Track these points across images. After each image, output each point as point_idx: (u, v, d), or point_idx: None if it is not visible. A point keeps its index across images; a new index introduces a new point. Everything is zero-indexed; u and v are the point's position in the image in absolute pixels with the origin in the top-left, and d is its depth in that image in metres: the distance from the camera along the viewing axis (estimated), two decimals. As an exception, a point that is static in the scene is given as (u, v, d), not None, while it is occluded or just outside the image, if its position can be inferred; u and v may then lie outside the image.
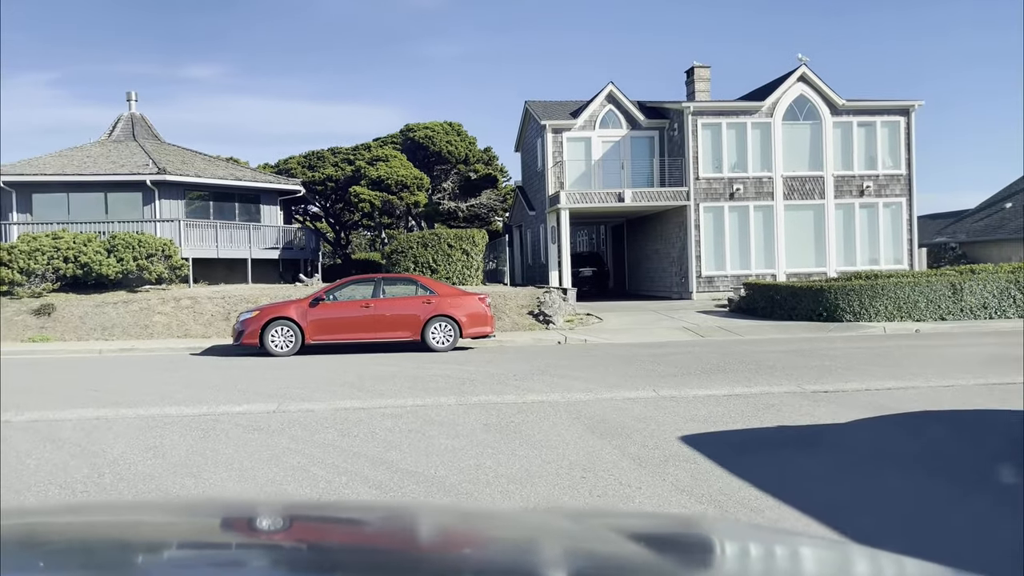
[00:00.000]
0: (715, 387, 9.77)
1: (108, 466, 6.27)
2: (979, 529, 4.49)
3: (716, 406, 8.41)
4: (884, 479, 5.49)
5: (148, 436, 7.38)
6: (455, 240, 24.58)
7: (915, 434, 7.09)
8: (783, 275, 25.58)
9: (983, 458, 6.16)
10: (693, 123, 25.57)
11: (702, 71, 29.58)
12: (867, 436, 6.92)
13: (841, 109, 26.06)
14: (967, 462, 6.01)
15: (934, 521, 4.63)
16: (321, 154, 35.99)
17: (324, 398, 9.52)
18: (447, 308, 15.20)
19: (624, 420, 7.72)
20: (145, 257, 20.40)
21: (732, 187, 25.70)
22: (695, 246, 25.54)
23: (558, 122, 27.17)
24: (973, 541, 4.30)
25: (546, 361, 13.00)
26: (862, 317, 18.61)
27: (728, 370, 11.33)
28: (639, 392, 9.48)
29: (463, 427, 7.57)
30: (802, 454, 6.38)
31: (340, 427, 7.66)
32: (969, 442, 6.88)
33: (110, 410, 8.84)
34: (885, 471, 5.71)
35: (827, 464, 6.06)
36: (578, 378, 10.82)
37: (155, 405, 9.14)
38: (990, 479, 5.51)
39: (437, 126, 34.18)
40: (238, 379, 11.39)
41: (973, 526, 4.54)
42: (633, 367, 11.89)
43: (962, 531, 4.45)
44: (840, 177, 26.10)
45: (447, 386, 10.36)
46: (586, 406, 8.60)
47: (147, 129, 31.62)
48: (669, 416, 7.89)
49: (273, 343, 14.63)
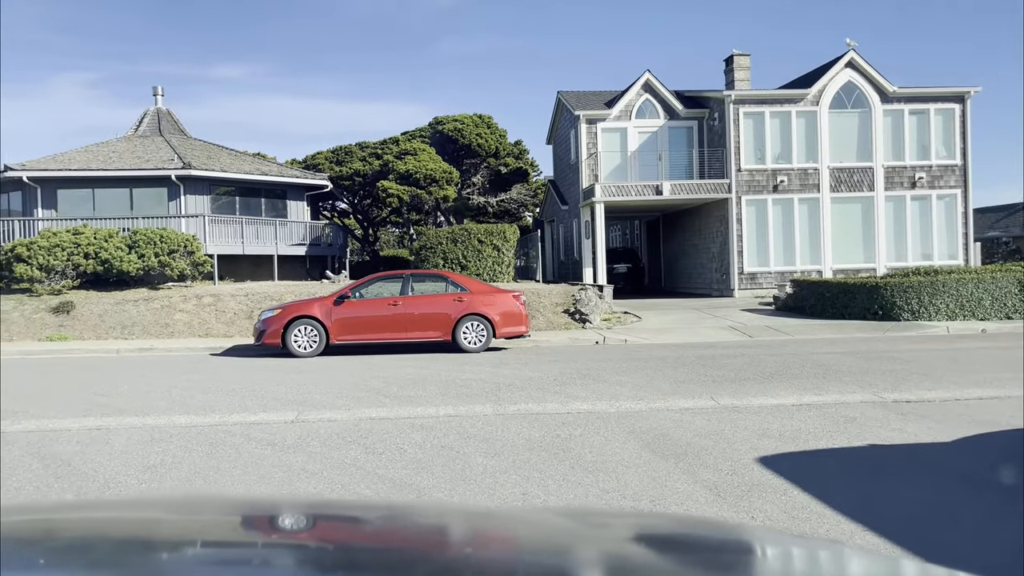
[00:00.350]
0: (780, 395, 8.75)
1: (96, 490, 5.45)
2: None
3: (788, 419, 7.41)
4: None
5: (149, 452, 6.56)
6: (486, 235, 23.70)
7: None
8: (829, 271, 24.34)
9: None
10: (735, 112, 24.40)
11: (742, 59, 28.31)
12: (981, 461, 5.88)
13: (892, 96, 24.73)
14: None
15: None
16: (348, 149, 35.25)
17: (347, 405, 8.67)
18: (479, 306, 14.30)
19: (686, 436, 6.75)
20: (167, 253, 19.75)
21: (776, 179, 24.50)
22: (737, 241, 24.39)
23: (592, 112, 26.14)
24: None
25: (586, 363, 12.04)
26: (921, 316, 17.40)
27: (789, 375, 10.29)
28: (696, 401, 8.50)
29: (503, 443, 6.65)
30: (912, 484, 5.33)
31: (364, 442, 6.78)
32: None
33: (114, 419, 8.05)
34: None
35: (951, 499, 5.03)
36: (624, 383, 9.86)
37: (163, 413, 8.34)
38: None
39: (467, 118, 33.26)
40: (256, 383, 10.58)
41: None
42: (683, 371, 10.90)
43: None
44: (890, 168, 24.78)
45: (482, 392, 9.46)
46: (639, 418, 7.64)
47: (173, 124, 31.11)
48: (737, 431, 6.90)
49: (296, 343, 13.83)
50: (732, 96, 24.41)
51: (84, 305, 18.16)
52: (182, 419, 7.99)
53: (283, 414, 8.18)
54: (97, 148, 27.89)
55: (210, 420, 7.91)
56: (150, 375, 11.70)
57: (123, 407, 8.75)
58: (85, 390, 10.13)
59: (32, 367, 13.15)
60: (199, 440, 6.97)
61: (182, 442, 6.90)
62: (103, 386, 10.50)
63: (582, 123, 26.14)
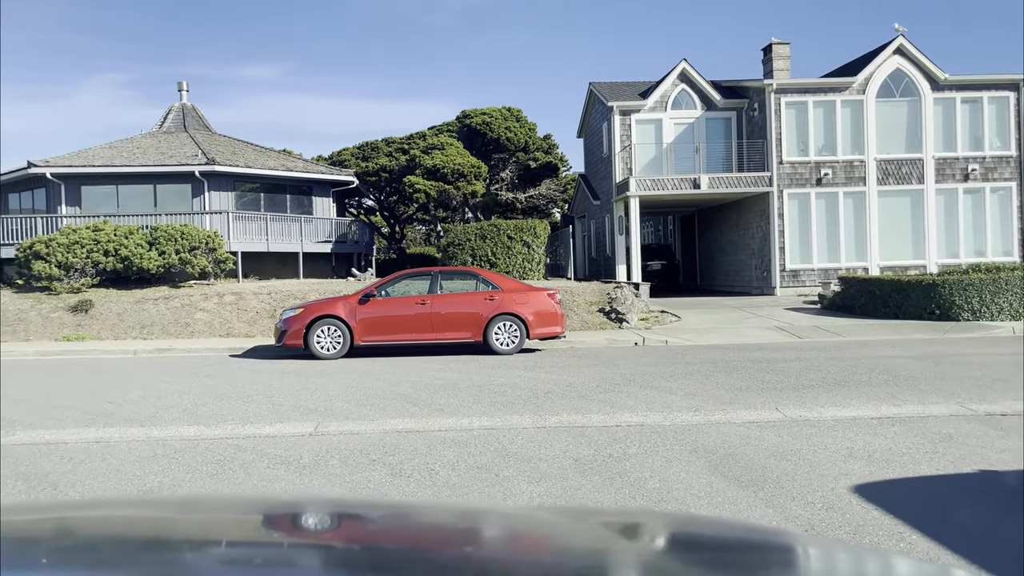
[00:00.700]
0: (852, 405, 7.81)
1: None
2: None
3: (872, 436, 6.48)
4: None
5: (148, 471, 5.80)
6: (516, 232, 22.88)
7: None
8: (876, 268, 23.16)
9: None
10: (776, 102, 23.30)
11: (781, 48, 27.06)
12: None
13: (943, 84, 23.46)
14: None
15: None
16: (375, 144, 34.60)
17: (372, 415, 7.88)
18: (512, 305, 13.45)
19: (759, 457, 5.86)
20: (188, 250, 19.14)
21: (819, 172, 23.37)
22: (778, 237, 23.29)
23: (626, 103, 25.14)
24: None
25: (629, 368, 11.15)
26: (982, 316, 16.27)
27: (856, 382, 9.33)
28: (759, 412, 7.58)
29: (548, 464, 5.81)
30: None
31: (390, 461, 5.98)
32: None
33: (116, 430, 7.33)
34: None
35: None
36: (675, 391, 8.96)
37: (171, 423, 7.61)
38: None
39: (495, 111, 32.39)
40: (274, 388, 9.84)
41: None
42: (737, 376, 9.97)
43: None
44: (941, 160, 23.52)
45: (518, 400, 8.62)
46: (700, 432, 6.75)
47: (198, 120, 30.64)
48: (817, 450, 5.99)
49: (318, 344, 13.09)
50: (773, 85, 23.31)
51: (103, 304, 17.60)
52: (190, 431, 7.25)
53: (301, 425, 7.41)
54: (121, 144, 27.46)
55: (220, 432, 7.16)
56: (163, 379, 11.01)
57: (128, 416, 8.04)
58: (91, 396, 9.44)
59: (43, 369, 12.54)
60: (205, 457, 6.21)
61: (186, 459, 6.15)
62: (112, 391, 9.81)
63: (615, 115, 25.17)
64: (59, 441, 6.85)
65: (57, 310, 17.38)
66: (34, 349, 14.94)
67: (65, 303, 17.55)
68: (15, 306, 17.59)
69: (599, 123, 28.17)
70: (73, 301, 17.51)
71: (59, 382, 10.87)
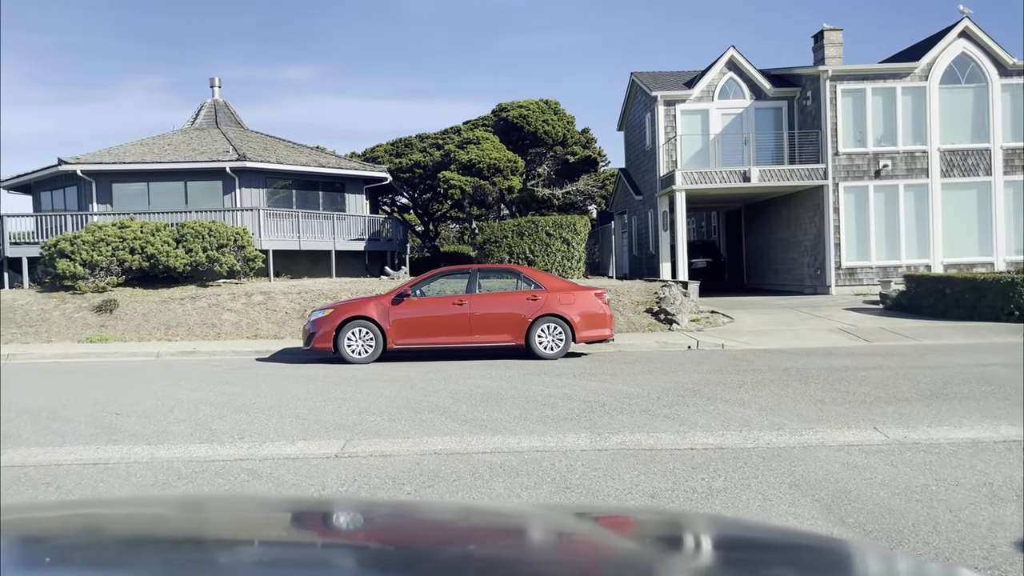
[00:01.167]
0: (965, 425, 6.68)
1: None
2: None
3: (1006, 466, 5.37)
4: None
5: (143, 504, 4.91)
6: (555, 228, 21.84)
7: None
8: (939, 266, 21.73)
9: None
10: (831, 90, 21.98)
11: (833, 35, 25.58)
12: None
13: (1011, 69, 21.93)
14: None
15: None
16: (408, 141, 33.81)
17: (406, 432, 6.93)
18: (557, 306, 12.44)
19: (877, 494, 4.79)
20: (216, 248, 18.43)
21: (878, 163, 21.99)
22: (834, 233, 21.96)
23: (671, 93, 23.95)
24: None
25: (689, 375, 10.09)
26: (1068, 317, 14.89)
27: (956, 394, 8.17)
28: (857, 433, 6.49)
29: (618, 500, 4.80)
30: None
31: (428, 494, 5.02)
32: None
33: (119, 448, 6.47)
34: None
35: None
36: (749, 404, 7.89)
37: (182, 441, 6.74)
38: None
39: (532, 104, 31.36)
40: (300, 398, 8.95)
41: None
42: (817, 388, 8.85)
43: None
44: (1010, 150, 22.00)
45: (570, 413, 7.62)
46: (793, 459, 5.69)
47: (230, 116, 30.09)
48: (945, 486, 4.91)
49: (349, 348, 12.21)
50: (828, 72, 21.97)
51: (128, 303, 16.94)
52: (201, 450, 6.36)
53: (326, 444, 6.49)
54: (152, 141, 26.97)
55: (235, 452, 6.27)
56: (182, 385, 10.19)
57: (136, 431, 7.19)
58: (101, 406, 8.62)
59: (57, 374, 11.81)
60: (213, 485, 5.31)
61: (191, 489, 5.25)
62: (124, 400, 9.00)
63: (659, 105, 24.00)
64: (52, 463, 6.01)
65: (81, 310, 16.75)
66: (53, 351, 14.29)
67: (89, 303, 16.92)
68: (39, 306, 17.01)
69: (641, 114, 27.02)
70: (98, 301, 16.88)
71: (71, 389, 10.10)
